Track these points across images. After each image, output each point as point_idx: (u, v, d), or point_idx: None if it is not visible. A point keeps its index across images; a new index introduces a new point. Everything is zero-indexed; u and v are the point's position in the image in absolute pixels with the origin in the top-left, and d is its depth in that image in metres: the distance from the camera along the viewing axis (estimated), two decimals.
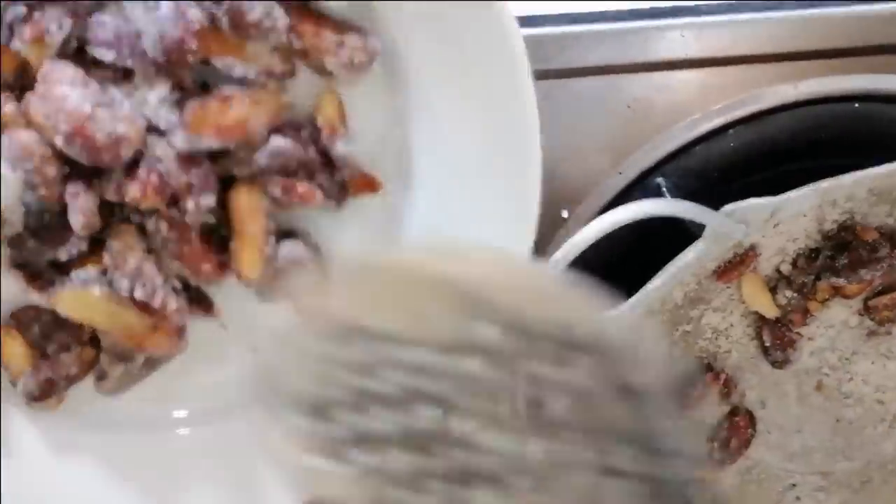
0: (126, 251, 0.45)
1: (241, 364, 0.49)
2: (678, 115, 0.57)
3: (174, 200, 0.44)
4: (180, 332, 0.47)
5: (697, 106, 0.57)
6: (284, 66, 0.45)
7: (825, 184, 0.49)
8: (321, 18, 0.45)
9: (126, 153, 0.42)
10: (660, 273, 0.50)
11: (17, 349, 0.48)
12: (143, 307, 0.45)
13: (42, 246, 0.45)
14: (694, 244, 0.49)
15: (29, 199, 0.43)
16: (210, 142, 0.43)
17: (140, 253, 0.45)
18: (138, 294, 0.45)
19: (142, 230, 0.46)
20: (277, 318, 0.46)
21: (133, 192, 0.43)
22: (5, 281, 0.46)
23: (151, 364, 0.49)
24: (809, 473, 0.61)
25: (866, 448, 0.61)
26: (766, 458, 0.61)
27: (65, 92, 0.42)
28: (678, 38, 0.56)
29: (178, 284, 0.47)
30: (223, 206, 0.46)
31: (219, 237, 0.47)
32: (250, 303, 0.48)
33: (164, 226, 0.45)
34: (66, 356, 0.48)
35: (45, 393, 0.48)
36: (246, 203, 0.45)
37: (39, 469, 0.50)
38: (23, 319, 0.48)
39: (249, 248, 0.46)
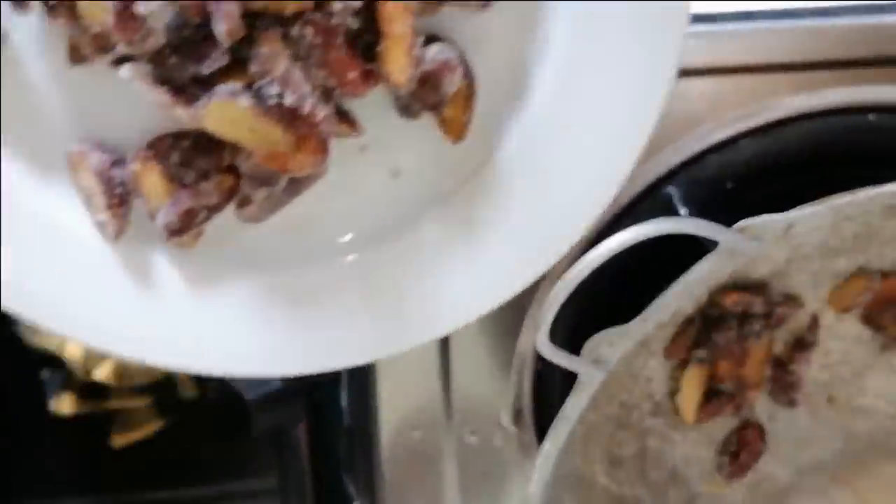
0: (274, 57, 0.43)
1: (381, 189, 0.49)
2: (690, 124, 0.56)
3: (320, 3, 0.43)
4: (324, 149, 0.45)
5: (710, 115, 0.56)
6: None
7: (840, 199, 0.48)
8: None
9: None
10: (672, 286, 0.49)
11: (155, 179, 0.47)
12: (290, 119, 0.43)
13: (184, 61, 0.44)
14: (707, 258, 0.48)
15: (168, 12, 0.42)
16: None
17: (287, 59, 0.43)
18: (288, 100, 0.43)
19: (286, 38, 0.44)
20: (419, 137, 0.47)
21: None
22: (145, 101, 0.45)
23: (293, 188, 0.47)
24: (818, 488, 0.61)
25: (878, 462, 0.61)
26: (776, 472, 0.60)
27: None
28: (691, 46, 0.55)
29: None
30: (369, 10, 0.44)
31: (364, 45, 0.45)
32: (391, 121, 0.47)
33: (309, 31, 0.43)
34: (205, 185, 0.47)
35: (186, 225, 0.47)
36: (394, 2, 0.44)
37: (186, 310, 0.49)
38: (160, 148, 0.47)
39: (398, 49, 0.44)
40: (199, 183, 0.47)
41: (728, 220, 0.48)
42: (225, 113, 0.44)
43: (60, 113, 0.48)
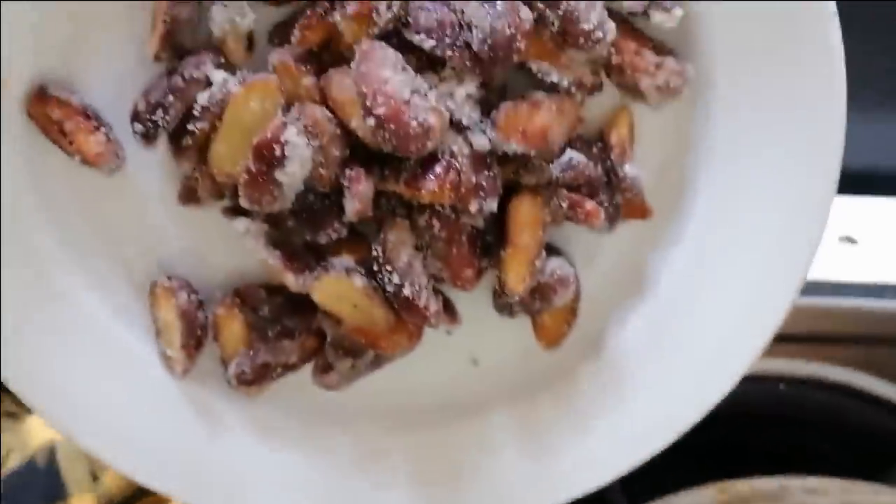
0: (400, 245, 0.43)
1: (458, 370, 0.49)
2: None
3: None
4: (419, 333, 0.45)
5: None
6: (594, 79, 0.44)
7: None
8: (643, 37, 0.44)
9: (431, 145, 0.41)
10: None
11: (236, 328, 0.46)
12: (403, 307, 0.43)
13: (303, 227, 0.44)
14: None
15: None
16: (515, 146, 0.42)
17: (411, 249, 0.43)
18: (406, 291, 0.43)
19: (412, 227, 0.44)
20: (508, 331, 0.47)
21: (430, 185, 0.41)
22: (244, 249, 0.45)
23: (378, 361, 0.47)
24: None
25: None
26: None
27: (386, 75, 0.40)
28: None
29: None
30: (499, 213, 0.44)
31: (483, 243, 0.45)
32: (483, 311, 0.47)
33: (437, 224, 0.43)
34: (287, 342, 0.46)
35: (258, 378, 0.46)
36: (527, 213, 0.44)
37: (244, 452, 0.48)
38: (248, 298, 0.46)
39: (520, 260, 0.44)
40: (282, 339, 0.47)
41: None
42: (336, 288, 0.44)
43: (155, 245, 0.47)
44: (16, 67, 0.43)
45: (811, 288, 0.64)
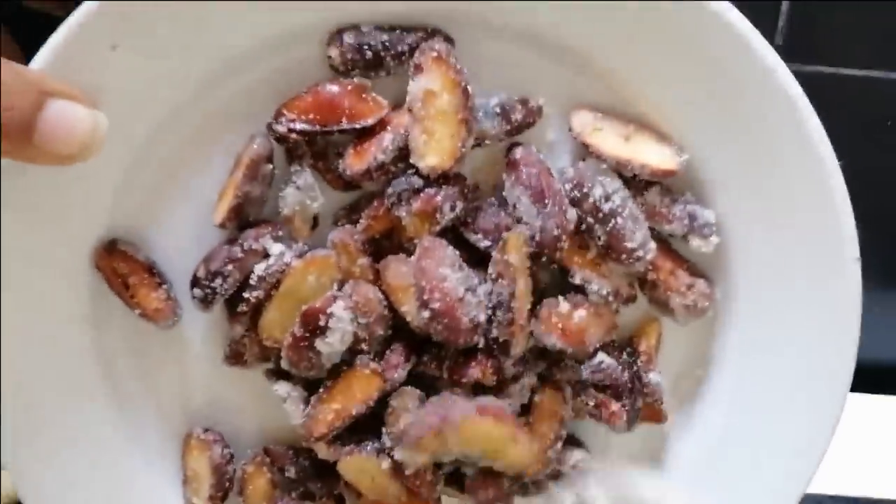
0: (402, 411, 0.46)
1: None
2: None
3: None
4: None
5: None
6: (630, 291, 0.47)
7: None
8: (679, 259, 0.47)
9: (479, 339, 0.44)
10: None
11: (262, 484, 0.48)
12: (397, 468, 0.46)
13: None
14: None
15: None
16: (554, 341, 0.45)
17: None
18: (397, 455, 0.45)
19: None
20: None
21: (474, 373, 0.44)
22: (276, 407, 0.47)
23: None
24: None
25: None
26: None
27: (445, 273, 0.43)
28: None
29: None
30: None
31: None
32: None
33: None
34: None
35: None
36: (549, 404, 0.47)
37: None
38: (276, 458, 0.48)
39: (537, 450, 0.46)
40: (304, 501, 0.49)
41: None
42: (361, 464, 0.46)
43: (194, 397, 0.49)
44: (90, 218, 0.45)
45: None
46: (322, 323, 0.43)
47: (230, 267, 0.45)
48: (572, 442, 0.49)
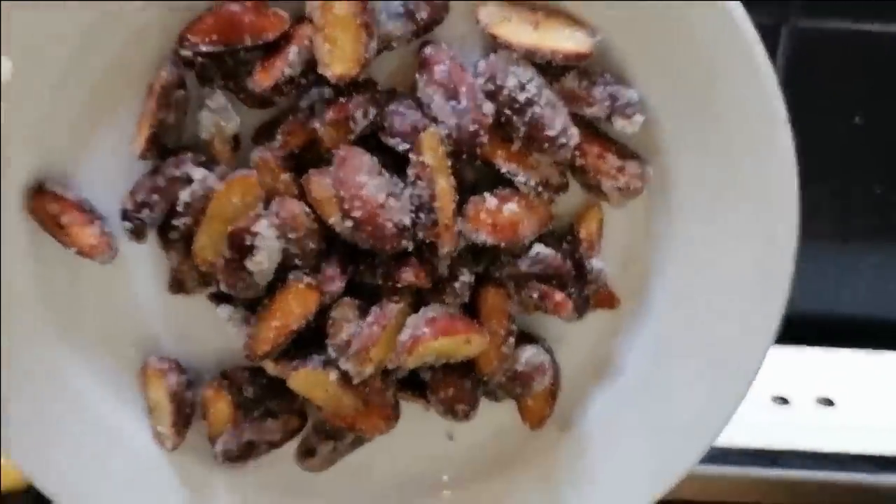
0: (343, 322, 0.46)
1: (434, 446, 0.51)
2: None
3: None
4: (396, 415, 0.48)
5: None
6: (560, 180, 0.46)
7: None
8: (607, 142, 0.46)
9: (406, 243, 0.44)
10: None
11: (222, 407, 0.49)
12: (362, 391, 0.46)
13: None
14: None
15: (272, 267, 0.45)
16: (483, 237, 0.45)
17: (354, 327, 0.46)
18: (343, 366, 0.45)
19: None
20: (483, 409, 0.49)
21: (408, 277, 0.44)
22: (230, 333, 0.47)
23: (358, 442, 0.50)
24: None
25: None
26: None
27: (362, 180, 0.43)
28: None
29: None
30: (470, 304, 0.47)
31: None
32: None
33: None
34: (271, 422, 0.49)
35: (244, 455, 0.49)
36: (493, 302, 0.47)
37: None
38: (234, 379, 0.49)
39: (490, 346, 0.46)
40: (266, 419, 0.49)
41: None
42: (311, 379, 0.46)
43: (145, 329, 0.49)
44: (14, 164, 0.45)
45: (772, 459, 0.66)
46: (248, 243, 0.44)
47: (155, 196, 0.45)
48: (527, 339, 0.49)
